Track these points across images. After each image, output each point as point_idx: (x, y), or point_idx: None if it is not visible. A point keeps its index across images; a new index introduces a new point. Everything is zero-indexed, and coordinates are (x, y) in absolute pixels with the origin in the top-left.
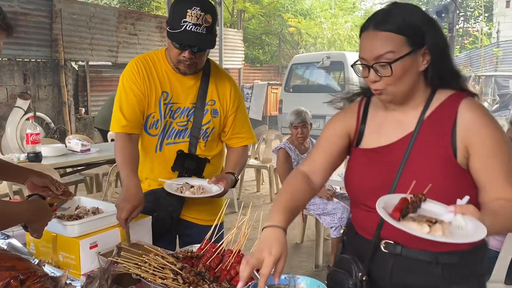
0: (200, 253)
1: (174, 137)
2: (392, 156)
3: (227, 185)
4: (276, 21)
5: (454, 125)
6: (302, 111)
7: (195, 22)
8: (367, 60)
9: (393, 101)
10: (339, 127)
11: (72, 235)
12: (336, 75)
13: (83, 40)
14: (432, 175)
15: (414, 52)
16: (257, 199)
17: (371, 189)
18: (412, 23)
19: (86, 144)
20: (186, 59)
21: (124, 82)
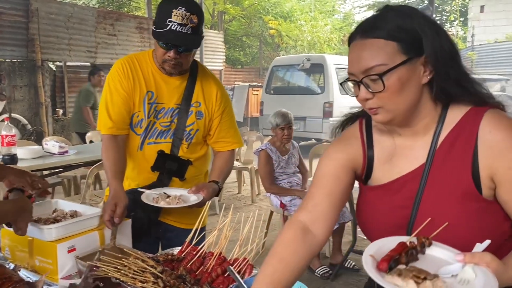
0: (180, 256)
1: (156, 137)
2: (405, 191)
3: (208, 194)
4: (256, 23)
5: (475, 151)
6: (286, 113)
7: (180, 22)
8: (356, 75)
9: (393, 123)
10: (343, 160)
11: (49, 239)
12: (316, 77)
13: (60, 40)
14: (451, 213)
15: (411, 61)
16: (238, 201)
17: (387, 229)
18: (406, 26)
19: (64, 146)
20: (171, 59)
21: (110, 82)
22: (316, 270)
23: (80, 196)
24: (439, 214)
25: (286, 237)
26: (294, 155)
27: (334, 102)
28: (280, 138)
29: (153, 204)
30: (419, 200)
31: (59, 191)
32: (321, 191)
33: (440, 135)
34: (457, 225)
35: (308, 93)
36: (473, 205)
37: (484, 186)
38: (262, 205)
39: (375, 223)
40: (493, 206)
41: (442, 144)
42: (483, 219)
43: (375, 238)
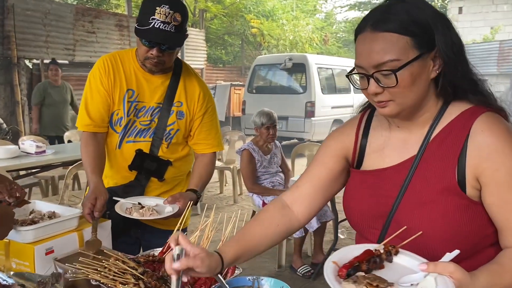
0: (162, 256)
1: (135, 135)
2: (391, 181)
3: (184, 205)
4: (238, 22)
5: (464, 149)
6: (271, 112)
7: (163, 20)
8: (366, 69)
9: (400, 116)
10: (335, 147)
11: (27, 241)
12: (298, 76)
13: (37, 37)
14: (432, 210)
15: (423, 56)
16: (220, 201)
17: (368, 217)
18: (420, 19)
19: (41, 146)
20: (153, 57)
21: (91, 80)
22: (298, 269)
23: (58, 196)
24: (419, 207)
25: (266, 208)
26: (276, 154)
27: (316, 101)
28: (264, 137)
29: (126, 215)
30: (403, 191)
31: (36, 191)
32: (305, 174)
33: (434, 130)
34: (436, 220)
35: (290, 93)
36: (453, 201)
37: (469, 185)
38: (244, 205)
39: (357, 208)
40: (476, 207)
41: (434, 139)
42: (463, 216)
43: (354, 224)
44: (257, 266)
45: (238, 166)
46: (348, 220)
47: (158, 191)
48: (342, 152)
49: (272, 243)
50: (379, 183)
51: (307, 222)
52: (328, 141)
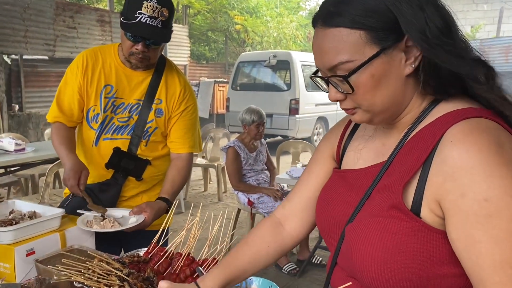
0: (147, 257)
1: (113, 133)
2: (357, 187)
3: (151, 216)
4: (222, 18)
5: (427, 162)
6: (259, 109)
7: (150, 15)
8: (322, 71)
9: (375, 122)
10: (323, 149)
11: (6, 242)
12: (282, 74)
13: (16, 32)
14: (375, 226)
15: (386, 50)
16: (204, 199)
17: (328, 226)
18: (375, 7)
19: (21, 143)
20: (138, 52)
21: (68, 74)
22: (283, 267)
23: (38, 195)
24: (366, 231)
25: (257, 227)
26: (262, 152)
27: (300, 99)
28: (253, 135)
29: (87, 228)
30: (364, 200)
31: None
32: (296, 186)
33: (411, 134)
34: (372, 237)
35: (274, 90)
36: (399, 221)
37: (425, 207)
38: (229, 203)
39: (321, 212)
40: (432, 235)
41: (407, 144)
42: (407, 242)
43: (319, 226)
44: None
45: (223, 163)
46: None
47: (135, 190)
48: (329, 152)
49: (264, 265)
50: (345, 187)
51: (303, 237)
52: (319, 144)
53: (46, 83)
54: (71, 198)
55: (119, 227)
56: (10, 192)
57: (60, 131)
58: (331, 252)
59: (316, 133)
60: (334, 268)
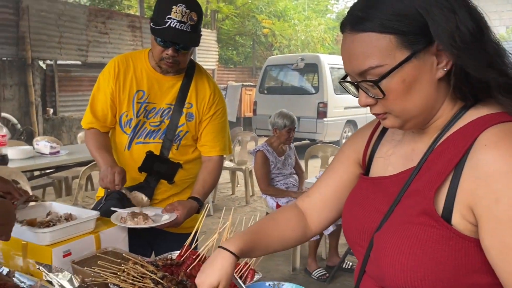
0: (180, 260)
1: (145, 137)
2: (386, 194)
3: (183, 214)
4: (250, 22)
5: (459, 167)
6: (291, 114)
7: (180, 19)
8: (351, 76)
9: (407, 127)
10: (348, 152)
11: (44, 243)
12: (310, 77)
13: (51, 38)
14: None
15: (417, 54)
16: (232, 202)
17: (356, 233)
18: (405, 10)
19: (55, 146)
20: (168, 57)
21: (100, 80)
22: (313, 272)
23: (72, 197)
24: (399, 227)
25: (282, 210)
26: (290, 156)
27: (328, 102)
28: (284, 139)
29: (121, 224)
30: (394, 207)
31: (50, 191)
32: (318, 182)
33: (441, 139)
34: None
35: (302, 93)
36: (429, 228)
37: (457, 213)
38: (256, 207)
39: (348, 219)
40: (464, 243)
41: (437, 149)
42: (437, 249)
43: (346, 237)
44: (271, 268)
45: (250, 167)
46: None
47: (167, 193)
48: (354, 156)
49: (283, 246)
50: (374, 194)
51: (320, 232)
52: (344, 145)
53: (79, 87)
54: (104, 201)
55: (153, 224)
56: (45, 193)
57: (95, 136)
58: (359, 260)
59: (345, 136)
60: (363, 277)
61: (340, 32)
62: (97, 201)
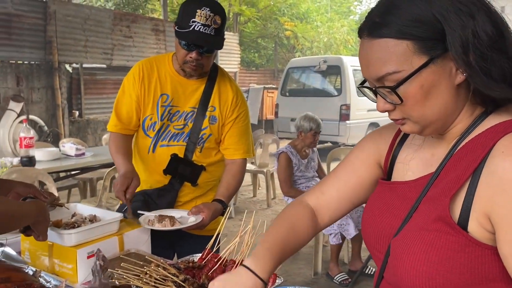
0: (201, 263)
1: (169, 140)
2: (405, 199)
3: (208, 217)
4: (272, 25)
5: (476, 173)
6: (317, 118)
7: (204, 23)
8: (369, 82)
9: (426, 132)
10: (369, 151)
11: (69, 244)
12: (333, 79)
13: (77, 42)
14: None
15: (435, 60)
16: (253, 205)
17: (375, 238)
18: (423, 16)
19: (81, 148)
20: (192, 60)
21: (125, 84)
22: (334, 277)
23: (96, 198)
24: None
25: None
26: (313, 159)
27: (351, 104)
28: (309, 143)
29: (149, 227)
30: (412, 213)
31: (75, 193)
32: (332, 177)
33: (460, 144)
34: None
35: (324, 95)
36: (445, 234)
37: (473, 221)
38: (278, 209)
39: (368, 225)
40: (482, 251)
41: (455, 155)
42: (453, 257)
43: (365, 243)
44: (292, 272)
45: (272, 169)
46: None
47: (191, 196)
48: (376, 157)
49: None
50: (393, 200)
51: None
52: (364, 142)
53: (103, 90)
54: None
55: (180, 226)
56: (70, 194)
57: (117, 139)
58: (377, 266)
59: None
60: (381, 283)
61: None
62: (122, 204)
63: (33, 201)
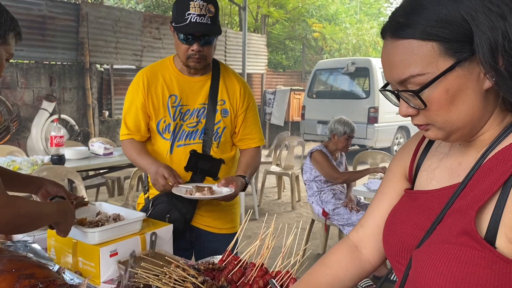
0: (221, 265)
1: (185, 138)
2: (429, 209)
3: (237, 187)
4: (300, 26)
5: (506, 187)
6: (351, 122)
7: (199, 13)
8: (392, 85)
9: (452, 139)
10: (395, 168)
11: (93, 242)
12: (361, 81)
13: (108, 43)
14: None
15: (461, 63)
16: (278, 207)
17: (396, 249)
18: (449, 16)
19: (109, 148)
20: (195, 53)
21: (129, 93)
22: (359, 283)
23: (123, 197)
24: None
25: (333, 250)
26: (342, 162)
27: (379, 107)
28: (341, 147)
29: (187, 196)
30: (437, 224)
31: (103, 191)
32: (369, 208)
33: (490, 154)
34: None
35: (352, 98)
36: (471, 250)
37: (502, 236)
38: (302, 212)
39: (389, 234)
40: (509, 269)
41: (484, 165)
42: (480, 273)
43: (386, 253)
44: None
45: (297, 172)
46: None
47: None
48: (401, 170)
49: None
50: (413, 210)
51: (381, 262)
52: (391, 164)
53: None
54: (151, 206)
55: (218, 195)
56: (99, 193)
57: (133, 144)
58: (398, 278)
59: (396, 143)
60: None
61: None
62: (144, 206)
63: (56, 202)
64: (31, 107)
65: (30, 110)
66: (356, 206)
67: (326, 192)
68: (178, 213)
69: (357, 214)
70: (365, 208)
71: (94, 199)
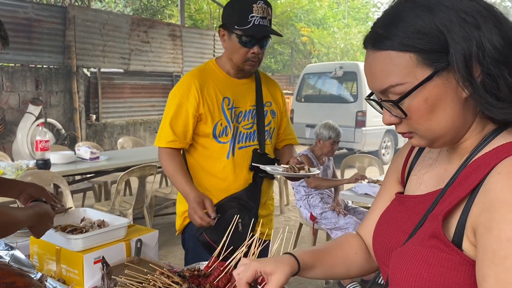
0: (207, 271)
1: (245, 140)
2: (413, 213)
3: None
4: (288, 30)
5: (474, 193)
6: (337, 127)
7: (261, 15)
8: (375, 94)
9: (435, 145)
10: (390, 172)
11: (76, 249)
12: (349, 85)
13: (95, 47)
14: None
15: (440, 73)
16: None
17: (382, 251)
18: (425, 27)
19: (95, 152)
20: (254, 56)
21: (177, 96)
22: (346, 286)
23: (110, 201)
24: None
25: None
26: (329, 167)
27: (367, 111)
28: (326, 151)
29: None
30: (418, 227)
31: (90, 195)
32: (372, 208)
33: (469, 162)
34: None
35: (340, 101)
36: (435, 253)
37: (466, 239)
38: (291, 216)
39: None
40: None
41: (463, 172)
42: (445, 278)
43: (374, 252)
44: (304, 280)
45: None
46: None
47: (270, 190)
48: (395, 175)
49: (348, 270)
50: (400, 214)
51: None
52: (389, 167)
53: (120, 95)
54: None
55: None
56: (85, 197)
57: (173, 157)
58: (383, 279)
59: (384, 146)
60: None
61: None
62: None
63: (32, 206)
64: (16, 110)
65: (15, 114)
66: (344, 210)
67: (313, 196)
68: (249, 215)
69: (344, 218)
70: (352, 212)
71: (80, 204)
